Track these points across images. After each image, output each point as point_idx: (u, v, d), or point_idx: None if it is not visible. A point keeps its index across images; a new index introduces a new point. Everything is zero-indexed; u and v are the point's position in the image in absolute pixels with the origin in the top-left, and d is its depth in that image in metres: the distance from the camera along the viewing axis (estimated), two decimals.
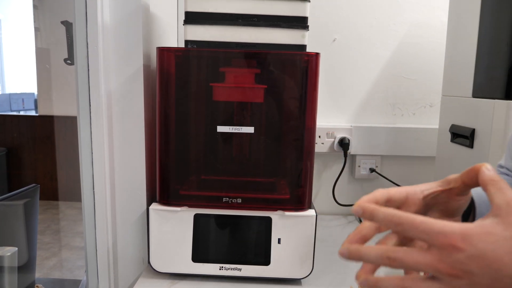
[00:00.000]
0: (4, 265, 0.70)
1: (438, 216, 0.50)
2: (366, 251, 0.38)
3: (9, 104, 5.09)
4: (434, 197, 0.49)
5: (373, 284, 0.39)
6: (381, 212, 0.38)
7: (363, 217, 0.40)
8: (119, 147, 0.84)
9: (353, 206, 0.40)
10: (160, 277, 0.82)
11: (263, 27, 0.76)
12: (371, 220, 0.39)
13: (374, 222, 0.39)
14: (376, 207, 0.39)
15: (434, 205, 0.50)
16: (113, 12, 0.80)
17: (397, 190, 0.48)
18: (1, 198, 0.78)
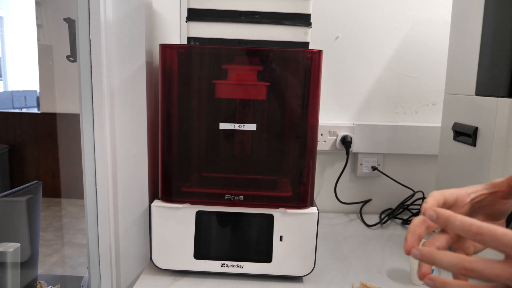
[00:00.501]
0: (7, 261, 0.71)
1: (483, 219, 0.50)
2: (440, 257, 0.38)
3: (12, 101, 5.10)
4: (479, 200, 0.49)
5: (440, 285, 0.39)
6: (458, 220, 0.38)
7: (437, 222, 0.40)
8: (121, 144, 0.84)
9: (425, 209, 0.40)
10: (162, 274, 0.83)
11: (266, 24, 0.76)
12: (444, 226, 0.39)
13: (447, 228, 0.39)
14: (452, 214, 0.38)
15: (480, 208, 0.50)
16: (116, 9, 0.80)
17: (450, 192, 0.48)
18: (4, 194, 0.78)
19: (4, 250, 0.70)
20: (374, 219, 1.19)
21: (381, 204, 1.26)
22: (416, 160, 1.25)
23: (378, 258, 0.94)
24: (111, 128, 0.82)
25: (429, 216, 0.40)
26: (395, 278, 0.85)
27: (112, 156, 0.83)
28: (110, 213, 0.83)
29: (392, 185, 1.24)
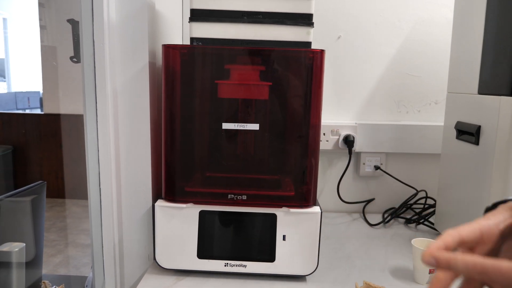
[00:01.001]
0: (12, 261, 0.71)
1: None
2: (460, 262, 0.36)
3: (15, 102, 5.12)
4: (509, 227, 0.44)
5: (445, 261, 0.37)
6: (460, 261, 0.36)
7: (438, 267, 0.37)
8: (125, 144, 0.84)
9: (424, 255, 0.38)
10: (166, 273, 0.83)
11: (268, 24, 0.76)
12: (448, 270, 0.37)
13: (452, 271, 0.37)
14: (452, 256, 0.37)
15: (510, 234, 0.45)
16: (119, 10, 0.81)
17: (469, 230, 0.43)
18: (9, 194, 0.79)
19: (9, 250, 0.70)
20: (377, 218, 1.19)
21: (384, 203, 1.26)
22: (419, 159, 1.24)
23: (381, 257, 0.94)
24: (114, 128, 0.82)
25: (428, 263, 0.37)
26: (399, 277, 0.85)
27: (116, 156, 0.83)
28: (114, 213, 0.83)
29: (395, 184, 1.24)
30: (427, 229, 1.12)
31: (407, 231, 1.12)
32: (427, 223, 1.14)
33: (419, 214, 1.17)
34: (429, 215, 1.16)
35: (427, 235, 1.07)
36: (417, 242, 0.83)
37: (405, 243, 1.02)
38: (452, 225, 1.03)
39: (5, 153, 3.73)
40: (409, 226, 1.15)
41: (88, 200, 0.85)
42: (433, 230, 1.10)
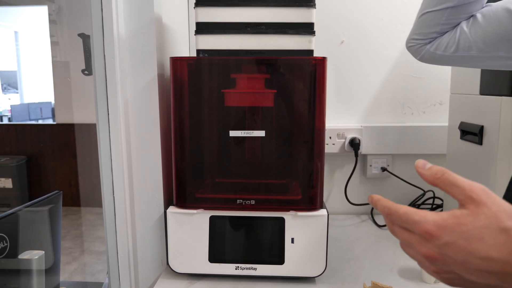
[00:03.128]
0: (33, 268, 0.75)
1: None
2: (379, 205, 0.47)
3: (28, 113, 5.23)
4: None
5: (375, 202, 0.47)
6: (379, 203, 0.46)
7: (371, 203, 0.48)
8: (136, 153, 0.87)
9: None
10: (179, 278, 0.86)
11: (271, 34, 0.79)
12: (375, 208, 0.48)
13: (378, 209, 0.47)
14: (380, 199, 0.47)
15: None
16: (128, 25, 0.84)
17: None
18: (28, 204, 0.82)
19: (29, 258, 0.74)
20: None
21: None
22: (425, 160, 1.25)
23: (390, 258, 0.96)
24: (126, 137, 0.85)
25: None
26: (406, 276, 0.86)
27: (128, 164, 0.86)
28: (127, 220, 0.86)
29: (402, 185, 1.25)
30: None
31: None
32: None
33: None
34: None
35: None
36: None
37: None
38: None
39: (19, 163, 3.82)
40: None
41: (102, 208, 0.88)
42: None
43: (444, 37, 0.77)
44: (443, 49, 0.76)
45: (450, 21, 0.75)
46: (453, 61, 0.77)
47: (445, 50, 0.76)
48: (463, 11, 0.73)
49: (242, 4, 0.78)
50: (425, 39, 0.80)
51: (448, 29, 0.76)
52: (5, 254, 0.73)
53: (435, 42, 0.78)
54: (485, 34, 0.70)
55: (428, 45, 0.79)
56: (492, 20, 0.70)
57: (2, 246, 0.73)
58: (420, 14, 0.80)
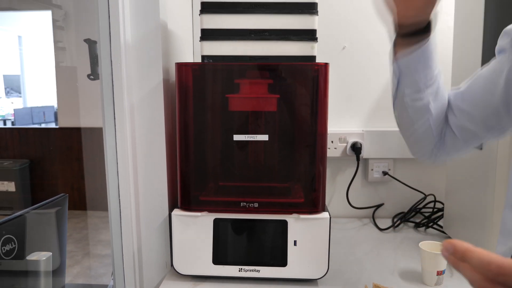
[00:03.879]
0: (41, 269, 0.76)
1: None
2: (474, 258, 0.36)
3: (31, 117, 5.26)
4: None
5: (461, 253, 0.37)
6: (475, 257, 0.36)
7: (454, 255, 0.38)
8: (142, 156, 0.89)
9: (445, 242, 0.39)
10: (183, 279, 0.87)
11: (274, 40, 0.80)
12: (461, 260, 0.37)
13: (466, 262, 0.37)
14: (469, 249, 0.37)
15: None
16: (134, 31, 0.86)
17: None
18: (35, 207, 0.84)
19: (37, 259, 0.75)
20: (387, 223, 1.22)
21: (393, 208, 1.29)
22: (426, 164, 1.27)
23: (391, 260, 0.97)
24: (132, 141, 0.87)
25: (446, 248, 0.38)
26: (408, 279, 0.87)
27: (134, 168, 0.88)
28: (133, 222, 0.88)
29: (404, 189, 1.26)
30: (437, 233, 1.15)
31: (417, 234, 1.14)
32: (436, 226, 1.16)
33: (428, 218, 1.20)
34: (438, 218, 1.18)
35: (436, 238, 1.09)
36: (425, 245, 0.86)
37: (415, 246, 1.04)
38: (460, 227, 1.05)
39: (22, 167, 3.84)
40: (419, 230, 1.18)
41: (108, 210, 0.89)
42: (442, 233, 1.12)
43: (445, 144, 0.74)
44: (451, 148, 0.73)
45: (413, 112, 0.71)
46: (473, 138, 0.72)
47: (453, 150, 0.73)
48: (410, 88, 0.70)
49: (246, 11, 0.80)
50: (425, 153, 0.77)
51: (432, 134, 0.73)
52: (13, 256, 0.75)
53: (440, 151, 0.75)
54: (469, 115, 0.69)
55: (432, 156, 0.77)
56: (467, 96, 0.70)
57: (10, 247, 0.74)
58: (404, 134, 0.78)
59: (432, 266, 0.84)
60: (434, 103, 0.71)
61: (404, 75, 0.70)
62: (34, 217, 0.82)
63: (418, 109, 0.71)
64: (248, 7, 0.80)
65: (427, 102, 0.70)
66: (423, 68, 0.68)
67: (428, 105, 0.70)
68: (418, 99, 0.71)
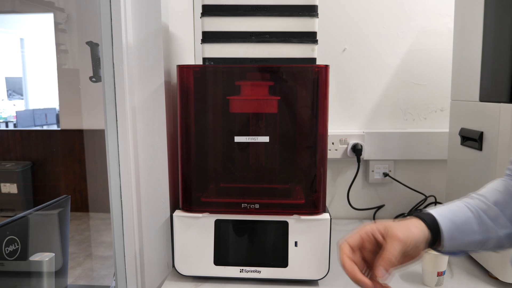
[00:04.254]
0: (43, 270, 0.77)
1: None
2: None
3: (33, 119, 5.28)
4: None
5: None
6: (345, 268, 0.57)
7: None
8: (143, 158, 0.90)
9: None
10: (184, 280, 0.87)
11: (275, 42, 0.81)
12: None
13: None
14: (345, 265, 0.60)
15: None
16: (136, 34, 0.87)
17: (353, 238, 0.64)
18: (38, 208, 0.85)
19: (40, 260, 0.76)
20: None
21: (394, 209, 1.29)
22: (427, 165, 1.27)
23: None
24: (133, 143, 0.88)
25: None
26: (408, 280, 0.88)
27: (135, 169, 0.88)
28: (134, 224, 0.88)
29: (404, 191, 1.27)
30: None
31: None
32: None
33: None
34: None
35: None
36: None
37: None
38: None
39: (24, 169, 3.85)
40: None
41: (106, 213, 0.90)
42: None
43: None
44: None
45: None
46: None
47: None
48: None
49: (247, 14, 0.81)
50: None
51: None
52: (16, 256, 0.76)
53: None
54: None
55: None
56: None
57: (13, 248, 0.75)
58: None
59: (433, 267, 0.84)
60: (503, 230, 0.63)
61: (457, 252, 0.65)
62: (37, 218, 0.83)
63: (501, 245, 0.64)
64: (249, 10, 0.81)
65: (499, 239, 0.63)
66: (466, 246, 0.63)
67: (501, 237, 0.63)
68: (488, 249, 0.65)
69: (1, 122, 5.88)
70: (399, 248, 0.56)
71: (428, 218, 0.61)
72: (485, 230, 0.62)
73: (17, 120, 5.37)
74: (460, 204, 0.65)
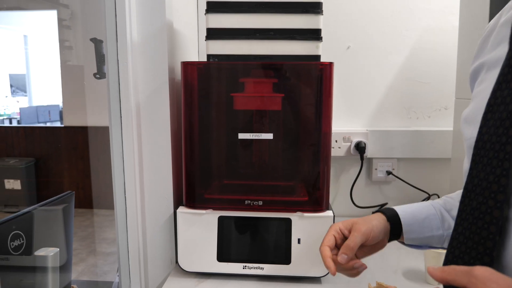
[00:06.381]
0: (48, 265, 0.77)
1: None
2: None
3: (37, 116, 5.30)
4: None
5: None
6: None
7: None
8: (147, 154, 0.90)
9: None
10: (188, 276, 0.88)
11: (279, 40, 0.81)
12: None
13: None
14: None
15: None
16: (140, 30, 0.87)
17: (328, 238, 0.67)
18: (43, 203, 0.85)
19: (45, 255, 0.76)
20: None
21: None
22: (430, 164, 1.27)
23: (394, 259, 0.97)
24: (138, 139, 0.88)
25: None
26: (411, 278, 0.88)
27: (139, 166, 0.89)
28: (138, 220, 0.89)
29: (408, 189, 1.27)
30: None
31: None
32: None
33: None
34: None
35: None
36: None
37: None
38: None
39: (28, 165, 3.87)
40: None
41: (114, 208, 0.90)
42: None
43: None
44: None
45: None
46: None
47: None
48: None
49: (251, 11, 0.81)
50: None
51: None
52: (21, 251, 0.76)
53: None
54: None
55: None
56: None
57: (18, 243, 0.75)
58: None
59: (436, 265, 0.84)
60: None
61: (421, 245, 0.72)
62: (42, 213, 0.83)
63: None
64: (254, 7, 0.81)
65: None
66: (428, 240, 0.69)
67: None
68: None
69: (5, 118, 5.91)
70: (360, 239, 0.64)
71: (389, 212, 0.69)
72: (446, 227, 0.68)
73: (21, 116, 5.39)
74: (426, 203, 0.72)
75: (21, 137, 4.07)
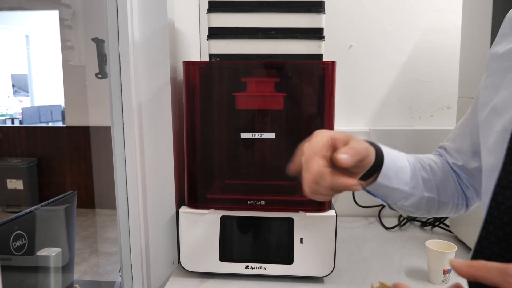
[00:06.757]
0: (50, 265, 0.77)
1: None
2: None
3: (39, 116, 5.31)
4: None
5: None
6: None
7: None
8: (149, 154, 0.90)
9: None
10: (190, 276, 0.88)
11: (281, 39, 0.81)
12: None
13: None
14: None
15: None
16: (142, 30, 0.87)
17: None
18: (45, 203, 0.85)
19: (47, 255, 0.76)
20: (393, 222, 1.21)
21: None
22: None
23: (397, 259, 0.97)
24: (140, 139, 0.88)
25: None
26: (414, 277, 0.87)
27: (141, 165, 0.89)
28: (140, 220, 0.89)
29: None
30: (443, 232, 1.14)
31: (423, 233, 1.14)
32: (443, 225, 1.16)
33: (434, 217, 1.19)
34: (444, 217, 1.18)
35: (442, 237, 1.09)
36: (431, 244, 0.86)
37: (421, 245, 1.04)
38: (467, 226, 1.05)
39: (30, 165, 3.87)
40: (425, 229, 1.17)
41: (116, 208, 0.90)
42: (448, 232, 1.12)
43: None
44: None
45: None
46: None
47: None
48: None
49: (253, 10, 0.80)
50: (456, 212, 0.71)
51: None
52: (24, 251, 0.76)
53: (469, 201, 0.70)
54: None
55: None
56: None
57: (20, 243, 0.76)
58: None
59: (439, 265, 0.84)
60: (428, 193, 0.66)
61: (377, 195, 0.66)
62: (44, 213, 0.83)
63: (417, 207, 0.66)
64: (256, 6, 0.80)
65: (420, 200, 0.65)
66: (391, 192, 0.63)
67: (422, 199, 0.65)
68: (404, 207, 0.66)
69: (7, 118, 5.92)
70: (364, 152, 0.56)
71: (378, 148, 0.62)
72: (414, 186, 0.64)
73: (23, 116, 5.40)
74: (401, 154, 0.66)
75: (23, 137, 4.08)
